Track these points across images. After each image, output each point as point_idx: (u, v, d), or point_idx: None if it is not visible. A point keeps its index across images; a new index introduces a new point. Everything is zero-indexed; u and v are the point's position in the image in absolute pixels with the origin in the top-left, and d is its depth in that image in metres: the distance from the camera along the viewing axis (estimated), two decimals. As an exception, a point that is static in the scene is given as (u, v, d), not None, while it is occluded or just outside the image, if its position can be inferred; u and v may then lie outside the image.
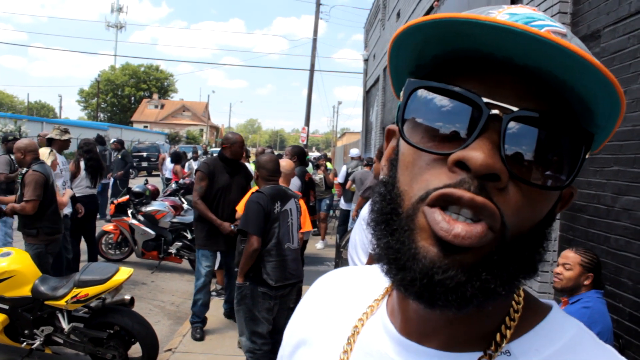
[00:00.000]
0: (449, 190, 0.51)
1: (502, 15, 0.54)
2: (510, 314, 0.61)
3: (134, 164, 22.44)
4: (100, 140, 12.10)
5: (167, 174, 14.83)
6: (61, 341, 4.58)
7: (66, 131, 6.98)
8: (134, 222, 8.39)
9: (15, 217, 5.43)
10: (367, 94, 23.92)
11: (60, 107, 70.43)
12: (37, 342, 4.55)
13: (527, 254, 0.55)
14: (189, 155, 16.59)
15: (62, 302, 4.43)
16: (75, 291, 4.41)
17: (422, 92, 0.56)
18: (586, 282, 3.08)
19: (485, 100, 0.52)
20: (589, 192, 4.14)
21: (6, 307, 4.54)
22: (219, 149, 7.07)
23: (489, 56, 0.53)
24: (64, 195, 6.25)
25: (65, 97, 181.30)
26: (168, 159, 15.25)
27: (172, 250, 8.28)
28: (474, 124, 0.52)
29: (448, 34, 0.53)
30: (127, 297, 4.67)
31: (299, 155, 7.82)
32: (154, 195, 9.74)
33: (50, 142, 6.86)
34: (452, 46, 0.54)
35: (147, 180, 10.44)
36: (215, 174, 5.61)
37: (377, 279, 0.73)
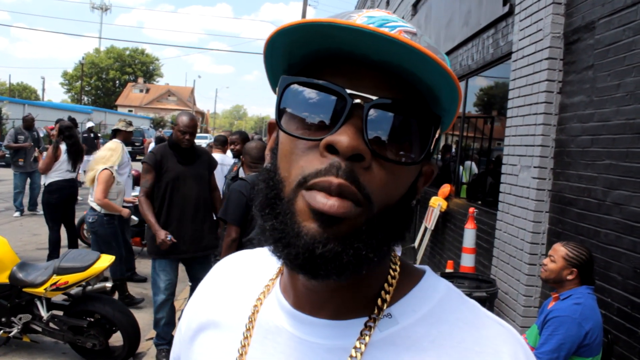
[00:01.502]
0: (321, 179, 0.58)
1: (361, 18, 0.63)
2: (388, 280, 0.69)
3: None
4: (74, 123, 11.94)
5: None
6: (40, 329, 4.47)
7: (130, 123, 6.90)
8: (117, 207, 8.25)
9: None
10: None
11: (43, 90, 69.18)
12: (15, 330, 4.43)
13: (393, 224, 0.63)
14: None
15: (40, 290, 4.31)
16: (55, 278, 4.29)
17: (294, 87, 0.63)
18: (569, 277, 3.06)
19: (348, 91, 0.60)
20: (580, 186, 4.11)
21: (-18, 293, 4.42)
22: (207, 134, 6.98)
23: (350, 54, 0.61)
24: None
25: (49, 79, 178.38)
26: (153, 144, 15.06)
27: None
28: (340, 112, 0.60)
29: (313, 36, 0.60)
30: (108, 284, 4.57)
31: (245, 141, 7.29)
32: (137, 180, 9.58)
33: (115, 134, 6.71)
34: (318, 46, 0.62)
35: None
36: (162, 164, 4.60)
37: (272, 260, 0.77)
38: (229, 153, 7.42)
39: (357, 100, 0.59)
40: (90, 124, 17.54)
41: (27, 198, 11.36)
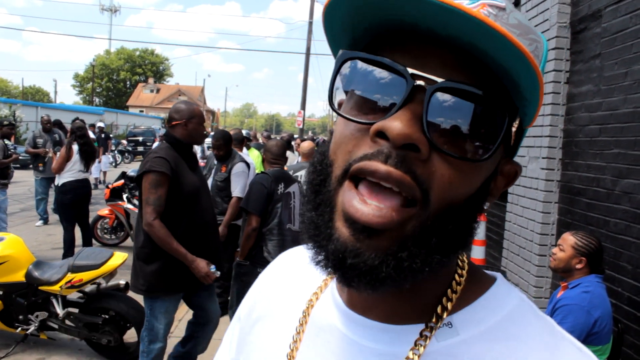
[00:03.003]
0: (365, 164, 0.52)
1: None
2: (452, 286, 0.62)
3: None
4: (59, 124, 11.82)
5: None
6: (56, 326, 4.55)
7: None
8: (130, 206, 8.33)
9: (9, 200, 5.36)
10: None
11: (55, 92, 69.98)
12: (32, 328, 4.51)
13: (454, 228, 0.55)
14: None
15: (56, 288, 4.39)
16: (70, 276, 4.37)
17: (351, 63, 0.57)
18: (578, 266, 3.07)
19: (410, 71, 0.52)
20: (589, 175, 4.10)
21: (0, 292, 4.51)
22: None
23: (415, 27, 0.53)
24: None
25: (60, 81, 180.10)
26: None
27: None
28: (399, 94, 0.53)
29: (370, 6, 0.53)
30: (122, 282, 4.63)
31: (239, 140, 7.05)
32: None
33: None
34: (379, 18, 0.54)
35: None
36: (178, 173, 3.46)
37: None
38: (245, 150, 7.52)
39: (420, 82, 0.52)
40: (100, 125, 17.66)
41: (50, 205, 10.51)
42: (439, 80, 0.52)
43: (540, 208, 4.59)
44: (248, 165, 5.63)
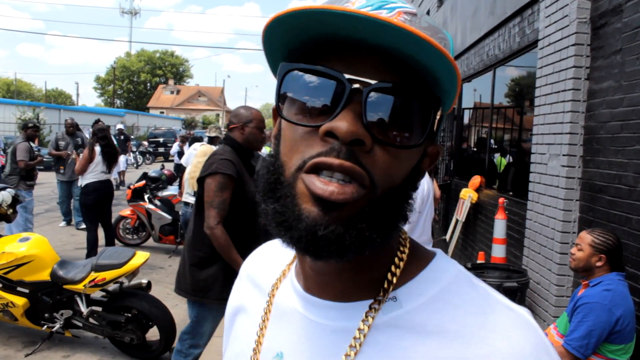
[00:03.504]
0: (321, 159, 0.59)
1: (359, 0, 0.63)
2: (395, 262, 0.69)
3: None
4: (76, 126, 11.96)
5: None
6: (80, 324, 4.64)
7: (219, 128, 7.46)
8: (151, 207, 8.45)
9: (35, 201, 5.48)
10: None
11: (77, 94, 71.03)
12: (57, 326, 4.61)
13: (397, 205, 0.64)
14: (205, 140, 16.66)
15: (80, 286, 4.48)
16: (93, 275, 4.45)
17: (293, 73, 0.64)
18: (598, 264, 3.04)
19: (347, 76, 0.60)
20: (610, 172, 4.05)
21: (27, 291, 4.61)
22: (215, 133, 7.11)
23: (347, 39, 0.60)
24: None
25: (82, 84, 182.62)
26: (186, 145, 15.34)
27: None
28: (339, 97, 0.60)
29: (309, 23, 0.60)
30: (144, 281, 4.71)
31: None
32: (170, 180, 9.79)
33: (212, 141, 7.36)
34: (315, 32, 0.61)
35: (163, 166, 10.48)
36: (241, 176, 3.41)
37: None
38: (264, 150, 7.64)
39: (356, 85, 0.59)
40: (120, 126, 17.84)
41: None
42: (373, 82, 0.60)
43: (562, 206, 4.54)
44: None
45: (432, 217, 4.04)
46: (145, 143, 30.69)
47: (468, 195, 7.47)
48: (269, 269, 0.85)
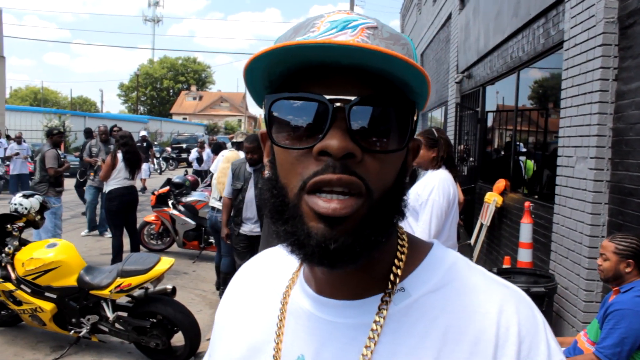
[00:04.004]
0: (320, 177, 0.64)
1: (324, 24, 0.68)
2: (397, 256, 0.75)
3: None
4: (88, 132, 12.05)
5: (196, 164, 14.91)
6: (106, 330, 4.68)
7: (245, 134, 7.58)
8: (175, 212, 8.52)
9: (64, 207, 5.54)
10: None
11: (102, 102, 72.49)
12: (84, 331, 4.67)
13: (393, 203, 0.70)
14: (228, 145, 16.74)
15: (106, 292, 4.52)
16: (119, 281, 4.49)
17: (278, 103, 0.68)
18: (627, 270, 2.97)
19: (328, 97, 0.65)
20: (640, 175, 3.96)
21: (54, 296, 4.68)
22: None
23: (322, 63, 0.65)
24: None
25: (106, 91, 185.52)
26: (208, 150, 15.48)
27: (213, 239, 8.37)
28: (325, 118, 0.65)
29: (284, 56, 0.65)
30: (169, 286, 4.74)
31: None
32: (194, 185, 9.86)
33: (237, 146, 7.48)
34: (291, 63, 0.66)
35: (186, 171, 10.56)
36: None
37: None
38: None
39: (338, 104, 0.64)
40: (143, 133, 17.96)
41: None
42: (352, 98, 0.64)
43: (590, 209, 4.45)
44: None
45: (457, 222, 4.00)
46: (169, 149, 31.03)
47: (493, 199, 7.37)
48: (274, 278, 0.88)
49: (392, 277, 0.74)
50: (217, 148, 14.27)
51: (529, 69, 6.89)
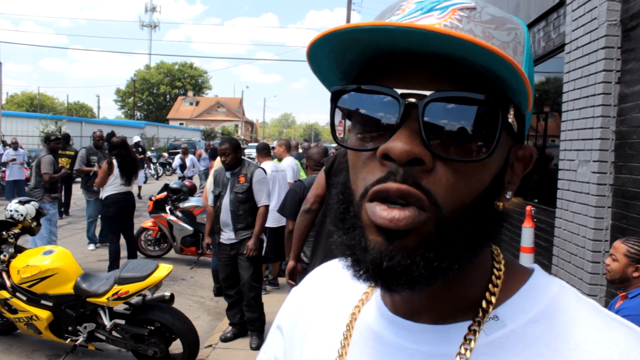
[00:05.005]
0: (379, 187, 0.56)
1: (409, 5, 0.58)
2: (492, 280, 0.64)
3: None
4: (66, 137, 11.32)
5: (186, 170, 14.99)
6: (103, 337, 4.61)
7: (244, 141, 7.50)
8: (172, 218, 8.45)
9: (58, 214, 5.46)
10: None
11: (99, 107, 71.79)
12: (81, 339, 4.59)
13: (473, 225, 0.58)
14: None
15: (103, 299, 4.45)
16: (116, 288, 4.42)
17: (344, 98, 0.61)
18: (635, 274, 2.92)
19: (400, 91, 0.55)
20: (644, 179, 3.92)
21: (50, 304, 4.61)
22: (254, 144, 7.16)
23: (394, 52, 0.56)
24: None
25: (103, 97, 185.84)
26: (191, 156, 15.50)
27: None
28: (395, 115, 0.56)
29: (347, 42, 0.57)
30: (167, 293, 4.67)
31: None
32: (191, 191, 9.79)
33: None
34: (358, 50, 0.58)
35: (184, 177, 10.49)
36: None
37: None
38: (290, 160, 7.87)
39: (411, 99, 0.55)
40: (136, 139, 17.75)
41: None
42: (428, 93, 0.55)
43: (593, 213, 4.41)
44: (265, 171, 5.46)
45: None
46: (166, 154, 30.93)
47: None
48: (347, 289, 0.78)
49: (484, 303, 0.63)
50: (214, 153, 14.26)
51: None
